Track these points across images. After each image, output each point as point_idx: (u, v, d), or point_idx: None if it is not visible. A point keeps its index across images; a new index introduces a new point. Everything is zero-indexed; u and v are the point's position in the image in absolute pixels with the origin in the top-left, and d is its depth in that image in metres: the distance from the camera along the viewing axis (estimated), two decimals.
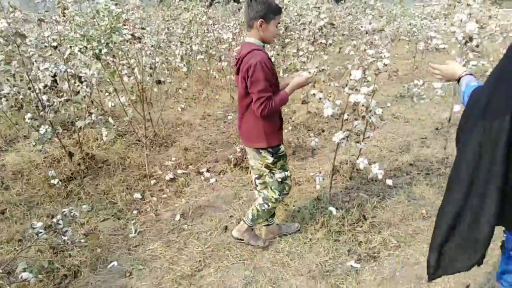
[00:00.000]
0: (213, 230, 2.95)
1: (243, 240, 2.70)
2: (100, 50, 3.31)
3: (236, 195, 3.46)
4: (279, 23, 2.28)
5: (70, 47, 3.63)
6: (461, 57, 3.32)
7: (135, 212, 3.23)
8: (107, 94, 4.35)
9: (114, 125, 4.81)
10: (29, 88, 3.54)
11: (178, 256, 2.67)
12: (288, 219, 3.03)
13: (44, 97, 3.46)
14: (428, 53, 8.76)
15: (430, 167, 3.84)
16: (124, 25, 3.73)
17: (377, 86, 2.86)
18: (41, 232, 2.13)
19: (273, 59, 4.35)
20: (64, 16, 4.11)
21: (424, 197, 3.29)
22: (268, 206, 2.54)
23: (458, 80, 1.64)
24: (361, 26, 5.45)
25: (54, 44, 3.69)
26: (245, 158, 3.97)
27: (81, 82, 3.62)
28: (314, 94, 2.89)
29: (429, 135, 4.75)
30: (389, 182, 3.07)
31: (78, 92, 3.69)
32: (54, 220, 2.18)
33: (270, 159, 2.37)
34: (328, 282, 2.36)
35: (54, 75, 3.43)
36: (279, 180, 2.45)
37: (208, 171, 3.94)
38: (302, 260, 2.57)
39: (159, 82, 4.60)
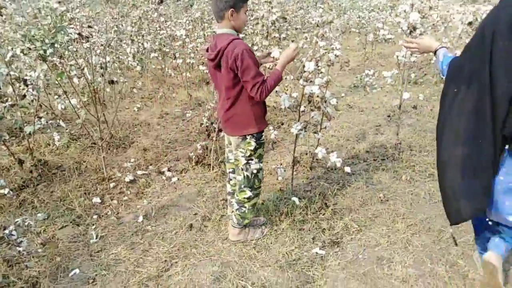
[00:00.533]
0: (178, 229, 2.91)
1: (243, 241, 2.70)
2: (45, 51, 3.14)
3: (200, 193, 3.44)
4: (247, 10, 2.30)
5: (12, 48, 3.42)
6: None
7: (95, 217, 3.12)
8: (56, 96, 4.14)
9: (66, 129, 4.61)
10: None
11: (144, 258, 2.62)
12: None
13: None
14: (377, 44, 9.12)
15: (385, 153, 4.02)
16: (70, 24, 3.57)
17: (331, 77, 2.95)
18: None
19: None
20: (1, 15, 3.86)
21: (381, 181, 3.44)
22: (245, 207, 2.57)
23: (435, 52, 1.92)
24: (312, 19, 5.58)
25: None
26: (207, 155, 3.95)
27: (27, 85, 3.43)
28: None
29: (383, 122, 4.96)
30: (348, 169, 3.18)
31: (24, 96, 3.49)
32: (7, 231, 2.07)
33: (253, 145, 2.40)
34: (295, 270, 2.41)
35: None
36: (254, 172, 2.47)
37: (169, 170, 3.88)
38: (268, 251, 2.60)
39: (111, 82, 4.44)
